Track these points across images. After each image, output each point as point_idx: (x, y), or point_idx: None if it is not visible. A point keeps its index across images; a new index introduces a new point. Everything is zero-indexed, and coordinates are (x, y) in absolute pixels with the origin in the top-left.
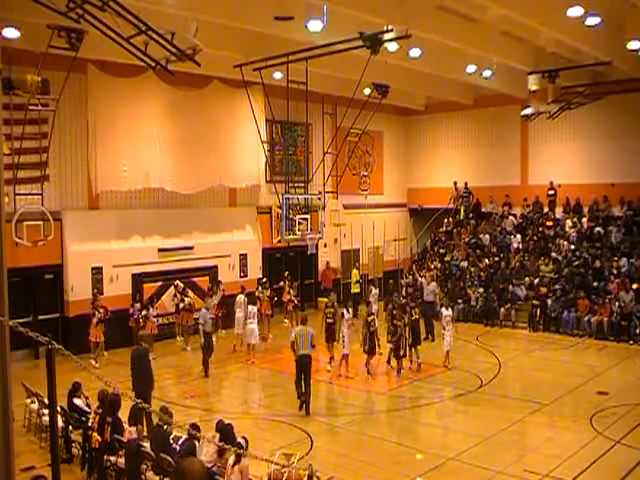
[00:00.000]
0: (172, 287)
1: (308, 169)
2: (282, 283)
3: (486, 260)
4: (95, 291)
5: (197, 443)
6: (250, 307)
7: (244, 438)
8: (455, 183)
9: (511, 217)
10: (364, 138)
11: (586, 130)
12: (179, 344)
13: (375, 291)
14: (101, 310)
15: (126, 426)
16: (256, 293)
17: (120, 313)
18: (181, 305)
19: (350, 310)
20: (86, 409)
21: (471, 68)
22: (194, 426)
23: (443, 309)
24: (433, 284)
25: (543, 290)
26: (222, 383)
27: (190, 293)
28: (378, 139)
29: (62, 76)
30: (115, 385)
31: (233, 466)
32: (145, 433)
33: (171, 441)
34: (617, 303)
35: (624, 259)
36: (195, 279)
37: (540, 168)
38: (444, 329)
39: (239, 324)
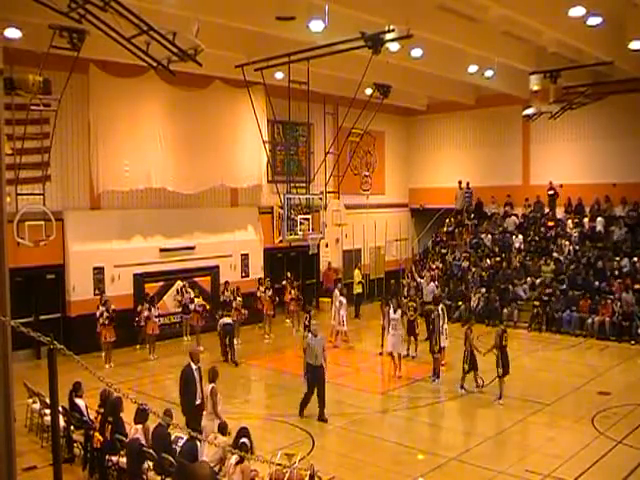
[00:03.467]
0: (175, 287)
1: (310, 169)
2: (284, 283)
3: (487, 260)
4: (104, 294)
5: (199, 444)
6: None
7: (248, 439)
8: (459, 182)
9: (513, 217)
10: (366, 138)
11: (588, 130)
12: (186, 344)
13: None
14: (111, 312)
15: (133, 424)
16: (257, 293)
17: (122, 313)
18: (191, 306)
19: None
20: (84, 412)
21: (473, 68)
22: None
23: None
24: (432, 284)
25: (547, 290)
26: (224, 383)
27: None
28: (380, 139)
29: (64, 76)
30: (117, 386)
31: (235, 465)
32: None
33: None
34: (619, 303)
35: (626, 259)
36: (197, 279)
37: (542, 168)
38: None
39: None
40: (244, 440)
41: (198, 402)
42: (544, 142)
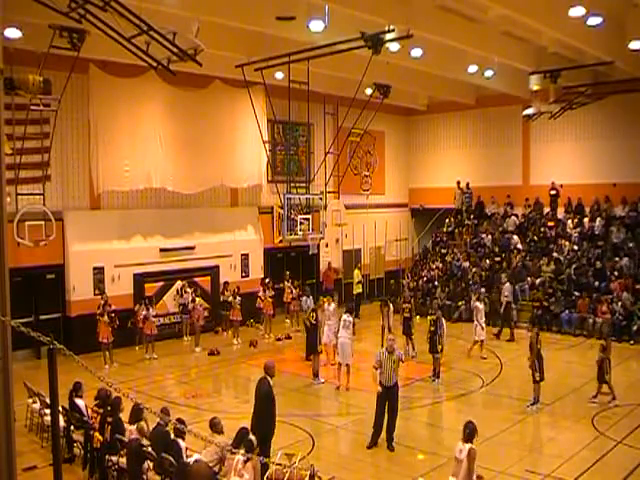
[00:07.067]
0: (175, 287)
1: (310, 169)
2: (283, 283)
3: (487, 260)
4: (105, 295)
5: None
6: (345, 316)
7: (254, 437)
8: (458, 182)
9: (513, 217)
10: (366, 138)
11: (588, 130)
12: (186, 343)
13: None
14: (112, 315)
15: (127, 425)
16: (260, 293)
17: (122, 313)
18: (191, 305)
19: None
20: (84, 412)
21: (473, 68)
22: (179, 420)
23: (477, 303)
24: (508, 284)
25: (548, 291)
26: (224, 383)
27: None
28: (380, 139)
29: (64, 76)
30: (117, 386)
31: (245, 462)
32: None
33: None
34: (619, 303)
35: (626, 259)
36: (197, 279)
37: (542, 168)
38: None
39: (329, 335)
40: (251, 438)
41: None
42: (544, 142)
